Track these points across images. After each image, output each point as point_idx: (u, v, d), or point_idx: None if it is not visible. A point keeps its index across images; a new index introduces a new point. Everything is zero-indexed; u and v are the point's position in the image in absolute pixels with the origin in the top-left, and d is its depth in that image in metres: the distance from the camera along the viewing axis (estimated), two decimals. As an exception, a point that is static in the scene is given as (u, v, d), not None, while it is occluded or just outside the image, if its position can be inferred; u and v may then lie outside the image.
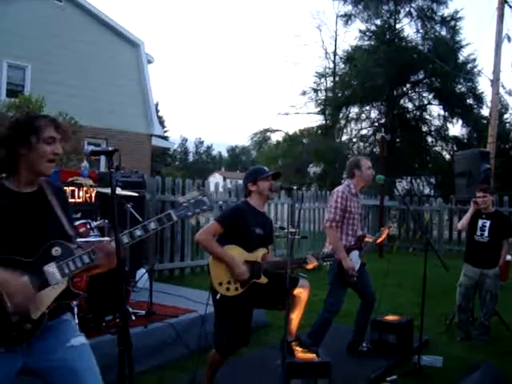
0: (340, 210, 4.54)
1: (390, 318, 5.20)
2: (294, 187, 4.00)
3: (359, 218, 4.70)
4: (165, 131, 37.07)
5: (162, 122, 44.32)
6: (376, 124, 22.07)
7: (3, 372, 2.01)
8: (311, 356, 3.97)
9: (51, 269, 2.04)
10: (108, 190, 4.91)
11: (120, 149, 2.44)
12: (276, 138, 24.96)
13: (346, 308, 4.90)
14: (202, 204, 2.23)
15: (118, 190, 5.52)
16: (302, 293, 3.82)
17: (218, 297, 3.57)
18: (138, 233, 2.18)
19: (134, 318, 4.74)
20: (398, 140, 21.11)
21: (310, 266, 3.77)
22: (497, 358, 4.80)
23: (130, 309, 4.82)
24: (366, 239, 4.83)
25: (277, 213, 10.79)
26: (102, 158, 9.47)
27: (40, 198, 2.15)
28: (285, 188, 4.04)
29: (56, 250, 2.07)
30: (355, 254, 4.60)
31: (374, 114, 22.31)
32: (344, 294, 4.64)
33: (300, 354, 3.97)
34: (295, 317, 3.87)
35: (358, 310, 4.89)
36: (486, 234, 5.59)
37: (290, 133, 23.59)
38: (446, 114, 21.25)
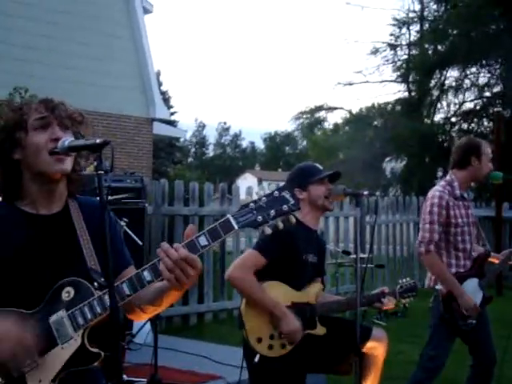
0: (439, 225, 4.42)
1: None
2: (364, 192, 3.98)
3: (471, 230, 4.57)
4: (172, 113, 37.51)
5: (167, 100, 44.89)
6: (487, 94, 21.79)
7: None
8: None
9: (59, 320, 2.04)
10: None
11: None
12: (334, 119, 24.93)
13: (448, 371, 4.81)
14: (282, 202, 1.93)
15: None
16: (376, 348, 3.80)
17: (256, 359, 3.56)
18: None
19: (131, 388, 4.79)
20: (521, 117, 20.82)
21: (386, 307, 3.73)
22: None
23: (125, 376, 4.86)
24: (492, 259, 4.73)
25: (338, 230, 10.76)
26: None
27: (61, 222, 2.21)
28: (350, 194, 4.02)
29: (67, 293, 2.07)
30: (473, 283, 4.46)
31: (483, 78, 22.06)
32: (451, 344, 4.52)
33: None
34: (369, 384, 3.85)
35: (469, 376, 4.78)
36: None
37: (355, 111, 23.55)
38: None
